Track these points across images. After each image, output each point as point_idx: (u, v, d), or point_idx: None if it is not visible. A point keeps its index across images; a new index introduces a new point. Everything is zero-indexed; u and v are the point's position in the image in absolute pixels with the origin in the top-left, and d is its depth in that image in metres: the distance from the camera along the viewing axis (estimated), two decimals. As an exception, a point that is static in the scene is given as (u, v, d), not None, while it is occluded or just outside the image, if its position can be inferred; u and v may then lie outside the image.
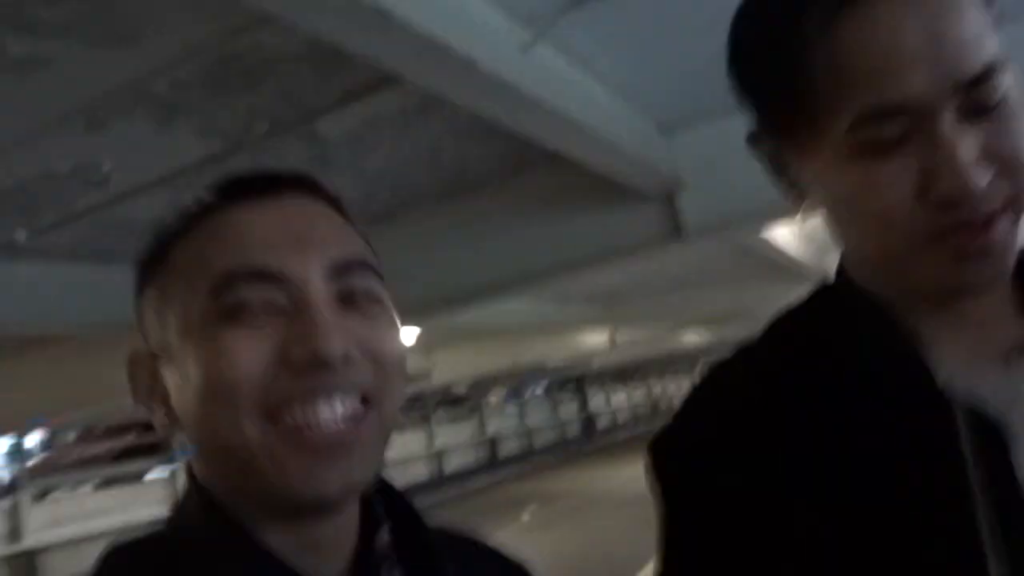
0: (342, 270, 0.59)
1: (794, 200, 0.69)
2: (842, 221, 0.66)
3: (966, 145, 0.56)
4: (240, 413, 0.55)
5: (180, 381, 0.58)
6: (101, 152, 3.06)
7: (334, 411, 0.55)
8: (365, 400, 0.57)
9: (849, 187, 0.62)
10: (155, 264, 0.63)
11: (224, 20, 2.32)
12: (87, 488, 12.22)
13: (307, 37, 2.31)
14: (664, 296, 10.35)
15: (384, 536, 0.63)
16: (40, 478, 11.34)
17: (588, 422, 23.66)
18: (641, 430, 23.69)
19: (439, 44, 2.12)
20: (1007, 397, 0.61)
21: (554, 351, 13.05)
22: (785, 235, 6.51)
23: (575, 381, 23.03)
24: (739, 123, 0.74)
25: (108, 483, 12.14)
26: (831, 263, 0.73)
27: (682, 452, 0.70)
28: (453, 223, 4.73)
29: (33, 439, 13.33)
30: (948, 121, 0.56)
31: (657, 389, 29.29)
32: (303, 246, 0.58)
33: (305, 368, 0.55)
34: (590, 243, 4.52)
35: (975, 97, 0.57)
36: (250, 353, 0.55)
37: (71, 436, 14.13)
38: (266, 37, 2.44)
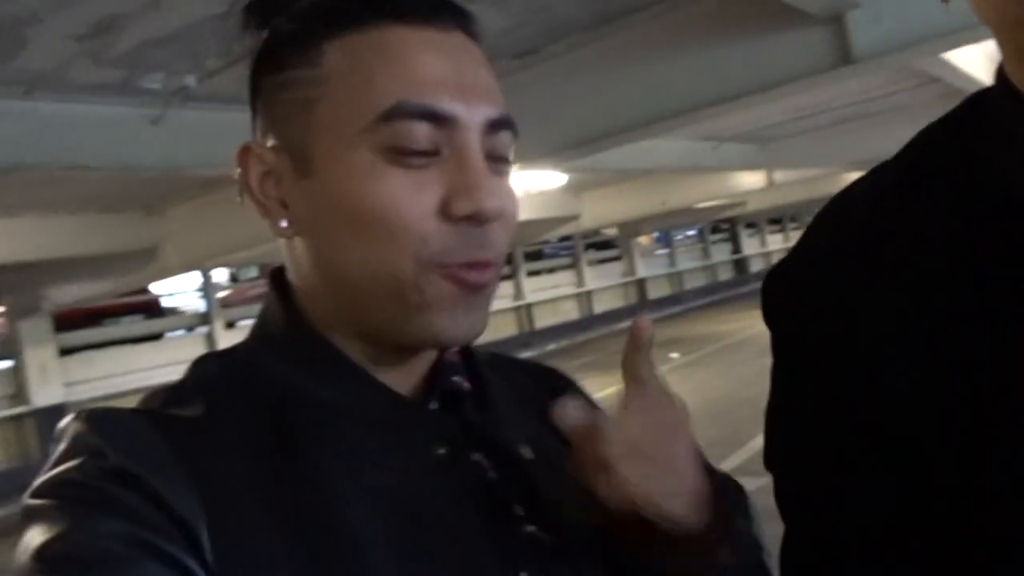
0: (498, 126, 0.59)
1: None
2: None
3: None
4: (401, 255, 0.56)
5: (320, 197, 0.58)
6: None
7: (483, 263, 0.57)
8: (496, 262, 0.60)
9: None
10: (297, 59, 0.59)
11: None
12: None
13: None
14: (827, 134, 9.67)
15: (454, 353, 0.66)
16: (229, 308, 12.60)
17: (740, 265, 23.18)
18: (796, 275, 23.03)
19: None
20: None
21: (707, 193, 12.67)
22: (971, 58, 5.81)
23: (728, 223, 22.43)
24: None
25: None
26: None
27: (788, 286, 0.64)
28: (601, 56, 4.55)
29: (221, 274, 14.72)
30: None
31: (816, 233, 28.04)
32: (472, 94, 0.58)
33: (463, 222, 0.56)
34: (750, 73, 4.24)
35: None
36: (416, 200, 0.55)
37: (253, 271, 15.51)
38: None
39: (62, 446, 0.51)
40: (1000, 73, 0.58)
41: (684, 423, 0.62)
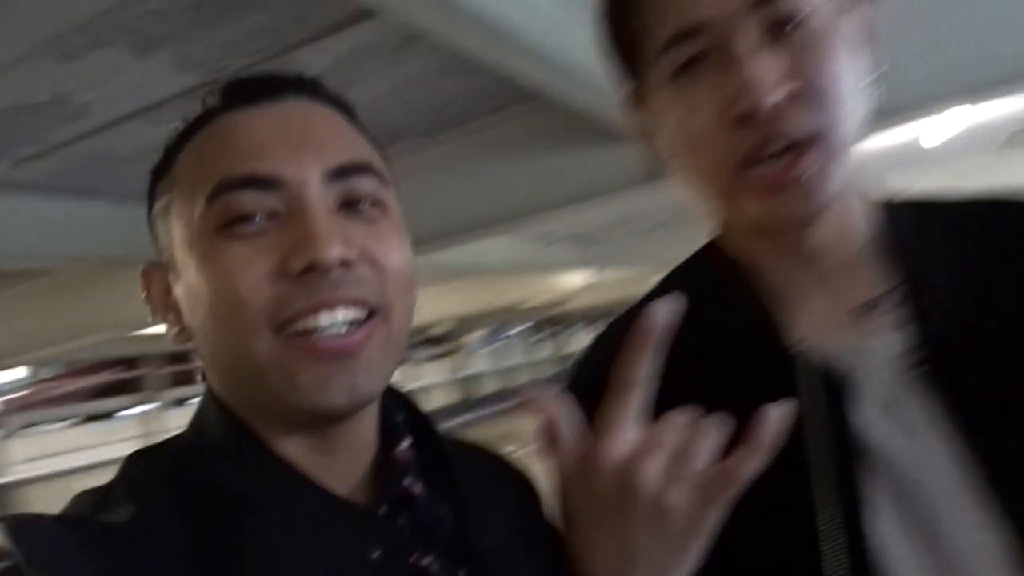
0: (342, 173, 0.57)
1: (655, 156, 0.73)
2: (678, 157, 0.67)
3: (761, 61, 0.57)
4: (246, 328, 0.54)
5: (187, 294, 0.58)
6: (77, 83, 3.01)
7: (335, 319, 0.55)
8: (372, 311, 0.56)
9: (669, 117, 0.64)
10: (162, 174, 0.62)
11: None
12: (64, 424, 12.29)
13: (287, -33, 2.27)
14: (645, 238, 10.38)
15: (405, 448, 0.63)
16: (19, 414, 11.36)
17: (564, 363, 23.86)
18: (618, 370, 23.95)
19: (421, -23, 2.10)
20: (855, 352, 0.64)
21: (534, 292, 13.10)
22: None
23: (553, 321, 23.16)
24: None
25: (85, 420, 12.19)
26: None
27: (576, 383, 0.76)
28: (433, 162, 4.70)
29: (11, 375, 13.31)
30: (744, 38, 0.58)
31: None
32: (300, 149, 0.57)
33: (304, 277, 0.54)
34: (572, 183, 4.52)
35: (773, 13, 0.58)
36: (251, 267, 0.54)
37: (48, 373, 14.14)
38: (245, -33, 2.39)
39: None
40: (713, 236, 0.75)
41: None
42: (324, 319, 0.55)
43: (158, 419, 12.09)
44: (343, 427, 0.60)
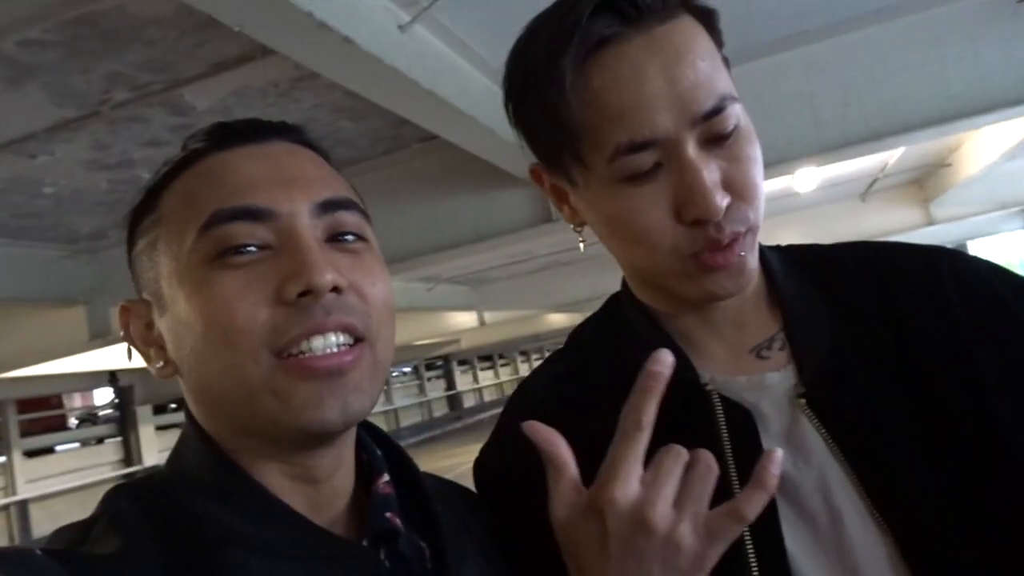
0: (329, 207, 0.60)
1: (574, 223, 0.79)
2: (615, 241, 0.74)
3: (709, 171, 0.66)
4: (243, 353, 0.55)
5: (175, 326, 0.59)
6: (-62, 112, 2.83)
7: (328, 342, 0.56)
8: (358, 338, 0.58)
9: (616, 212, 0.70)
10: (145, 213, 0.62)
11: (85, -21, 2.20)
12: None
13: (176, 3, 2.22)
14: (532, 279, 10.55)
15: (385, 482, 0.64)
16: None
17: (454, 401, 23.78)
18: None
19: (316, 20, 2.09)
20: (757, 387, 0.73)
21: (423, 331, 13.03)
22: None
23: (443, 359, 23.08)
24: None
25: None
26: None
27: (488, 473, 0.81)
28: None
29: None
30: (692, 150, 0.66)
31: (525, 368, 29.85)
32: (290, 184, 0.59)
33: (299, 301, 0.56)
34: (464, 225, 4.57)
35: (712, 127, 0.66)
36: (247, 295, 0.56)
37: None
38: (131, 0, 2.32)
39: None
40: (625, 286, 0.82)
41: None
42: (317, 342, 0.56)
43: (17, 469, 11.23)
44: (325, 454, 0.61)
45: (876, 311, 0.74)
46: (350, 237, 0.61)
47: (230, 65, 2.85)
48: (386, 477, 0.65)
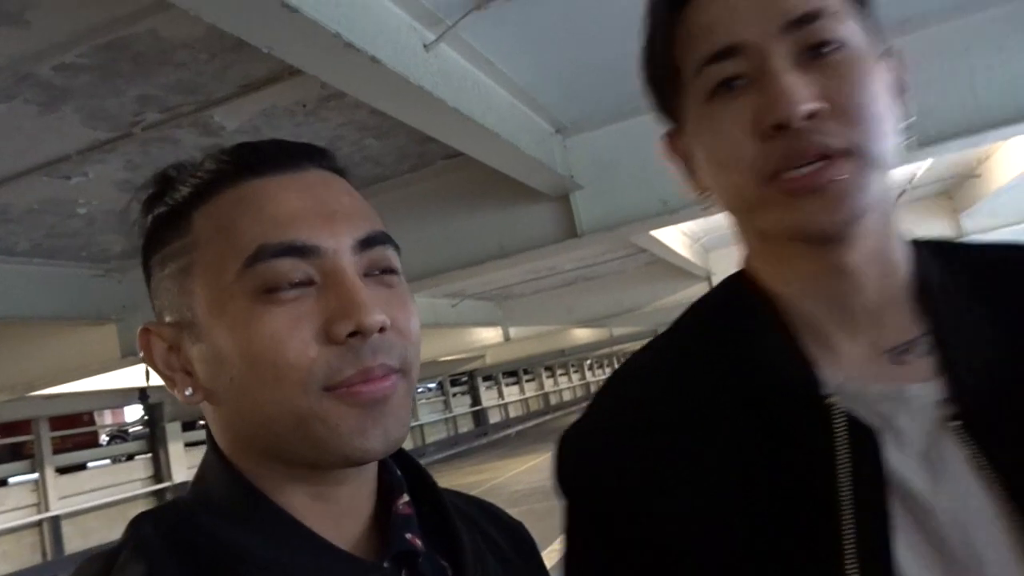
0: (369, 243, 0.61)
1: (698, 188, 0.72)
2: (711, 175, 0.68)
3: (794, 78, 0.60)
4: (293, 389, 0.56)
5: (212, 356, 0.59)
6: (-24, 136, 2.90)
7: (375, 375, 0.58)
8: (399, 368, 0.60)
9: (707, 135, 0.66)
10: (171, 233, 0.62)
11: (119, 6, 2.25)
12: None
13: (207, 26, 2.27)
14: (556, 294, 10.55)
15: (405, 503, 0.64)
16: None
17: (479, 417, 23.76)
18: (533, 424, 23.96)
19: (343, 41, 2.13)
20: (895, 398, 0.63)
21: (448, 347, 13.06)
22: (670, 235, 6.77)
23: (467, 375, 23.09)
24: (631, 128, 0.83)
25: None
26: (714, 262, 0.79)
27: (582, 450, 0.72)
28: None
29: None
30: (779, 58, 0.61)
31: (550, 383, 29.76)
32: (331, 219, 0.60)
33: (348, 342, 0.57)
34: (489, 241, 4.59)
35: (808, 36, 0.61)
36: (295, 336, 0.56)
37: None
38: (163, 24, 2.38)
39: None
40: (745, 264, 0.72)
41: None
42: (367, 376, 0.58)
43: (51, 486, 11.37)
44: (351, 476, 0.61)
45: None
46: (388, 271, 0.62)
47: (258, 85, 2.90)
48: (406, 498, 0.65)
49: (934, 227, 8.62)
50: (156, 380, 0.65)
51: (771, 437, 0.62)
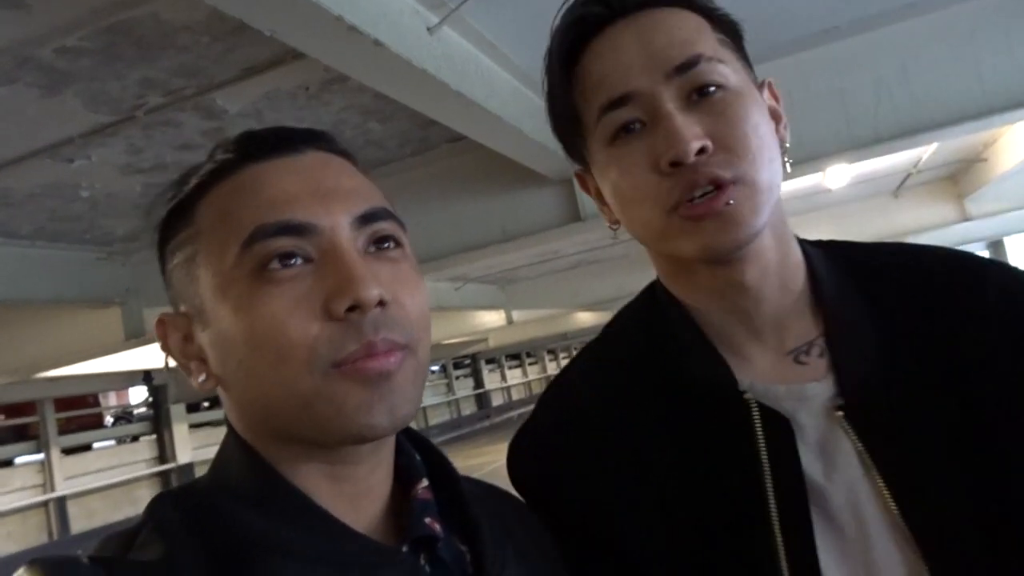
0: (367, 219, 0.61)
1: (610, 221, 0.80)
2: (620, 212, 0.75)
3: (683, 119, 0.67)
4: (297, 368, 0.56)
5: (220, 341, 0.60)
6: (-22, 119, 2.89)
7: (378, 350, 0.57)
8: (404, 344, 0.59)
9: (612, 176, 0.73)
10: (179, 226, 0.63)
11: (120, -12, 2.24)
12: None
13: (209, 9, 2.26)
14: (559, 278, 10.54)
15: (424, 487, 0.65)
16: None
17: (482, 400, 23.82)
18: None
19: (346, 24, 2.11)
20: (796, 397, 0.71)
21: (451, 330, 13.08)
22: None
23: (470, 358, 23.13)
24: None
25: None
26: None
27: (528, 456, 0.81)
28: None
29: None
30: (668, 102, 0.68)
31: (553, 366, 29.82)
32: (328, 198, 0.60)
33: (348, 317, 0.57)
34: (492, 225, 4.58)
35: (690, 80, 0.68)
36: (296, 314, 0.57)
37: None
38: (164, 7, 2.36)
39: None
40: (660, 282, 0.81)
41: None
42: (368, 350, 0.57)
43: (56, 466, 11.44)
44: (366, 456, 0.62)
45: (921, 324, 0.72)
46: (389, 245, 0.62)
47: (261, 69, 2.89)
48: (425, 482, 0.66)
49: (939, 212, 8.59)
50: (174, 367, 0.66)
51: (699, 429, 0.69)
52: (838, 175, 5.69)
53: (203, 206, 0.62)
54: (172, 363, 0.65)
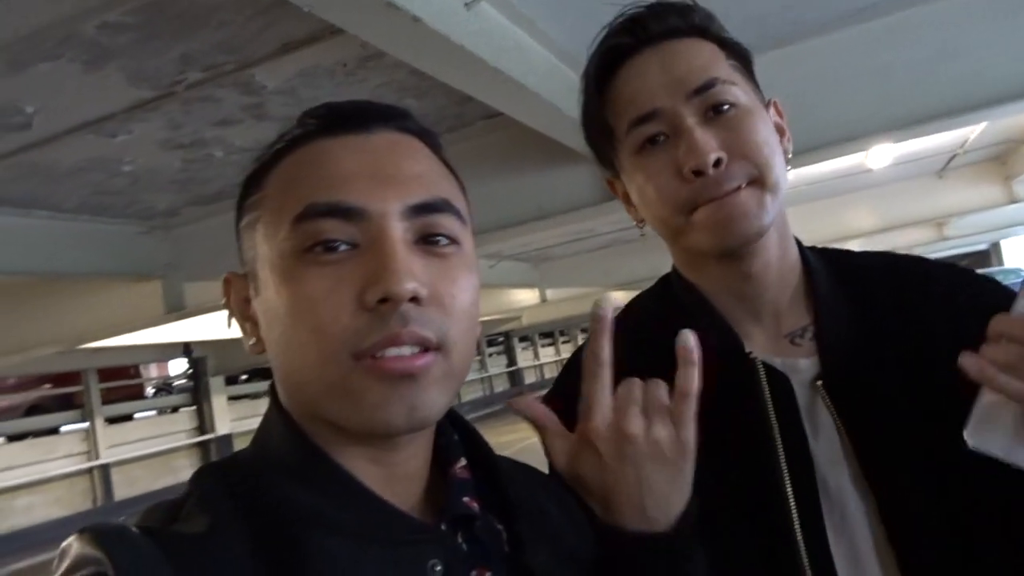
0: (421, 210, 0.59)
1: (636, 220, 0.93)
2: (646, 210, 0.88)
3: (703, 134, 0.80)
4: (323, 353, 0.56)
5: (267, 311, 0.60)
6: (24, 94, 2.94)
7: (402, 351, 0.56)
8: (436, 345, 0.57)
9: (640, 181, 0.85)
10: (253, 186, 0.64)
11: (161, -37, 2.25)
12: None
13: (247, -15, 2.26)
14: (593, 256, 10.50)
15: (462, 467, 0.65)
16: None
17: (515, 377, 23.91)
18: (567, 386, 23.95)
19: (384, 0, 2.11)
20: (790, 368, 0.85)
21: (484, 308, 13.13)
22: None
23: (503, 336, 23.20)
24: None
25: (21, 436, 11.73)
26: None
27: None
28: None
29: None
30: (689, 119, 0.81)
31: (584, 346, 29.76)
32: (385, 183, 0.59)
33: (378, 308, 0.56)
34: (527, 203, 4.56)
35: (707, 100, 0.82)
36: (332, 297, 0.56)
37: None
38: (204, -17, 2.38)
39: (65, 564, 0.50)
40: (675, 270, 0.95)
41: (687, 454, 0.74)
42: (391, 350, 0.56)
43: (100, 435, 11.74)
44: (402, 442, 0.61)
45: (897, 319, 0.86)
46: (442, 240, 0.60)
47: (298, 45, 2.89)
48: (463, 462, 0.66)
49: (985, 193, 8.38)
50: (213, 333, 0.67)
51: (710, 389, 0.78)
52: (880, 155, 5.57)
53: (274, 173, 0.62)
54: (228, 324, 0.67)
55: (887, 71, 3.62)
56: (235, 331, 0.67)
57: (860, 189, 8.49)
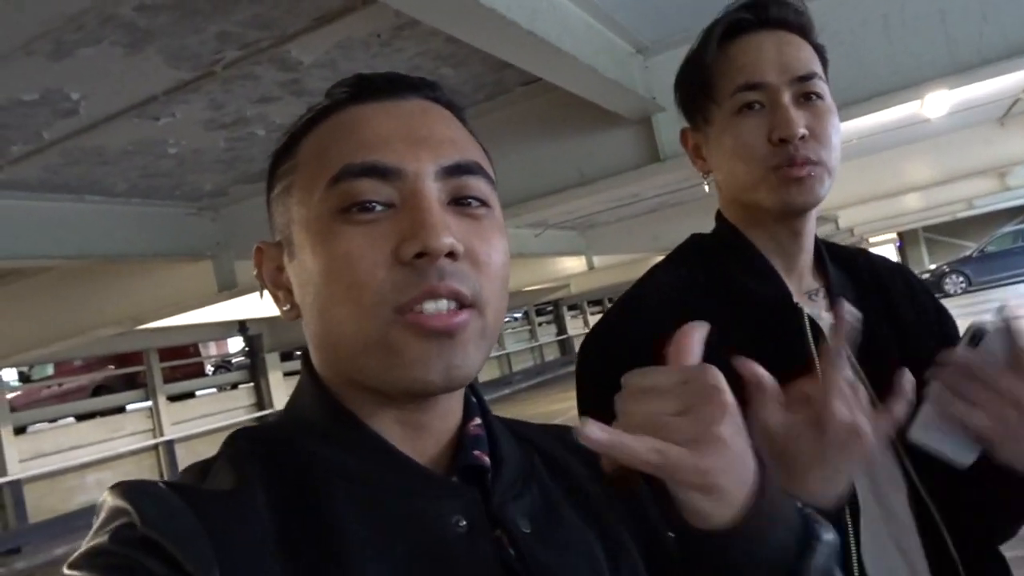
0: (455, 171, 0.61)
1: (703, 172, 1.11)
2: (728, 163, 1.03)
3: (796, 112, 0.98)
4: (363, 308, 0.57)
5: (301, 273, 0.62)
6: (68, 80, 2.99)
7: (440, 305, 0.57)
8: (471, 301, 0.59)
9: (732, 136, 1.01)
10: (283, 159, 0.66)
11: (191, -59, 2.25)
12: (67, 420, 12.24)
13: (278, -42, 2.24)
14: (639, 222, 10.37)
15: (476, 424, 0.67)
16: (19, 411, 11.35)
17: (565, 346, 23.92)
18: (618, 353, 23.87)
19: (414, -35, 2.07)
20: (816, 316, 1.01)
21: (533, 277, 13.10)
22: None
23: (552, 305, 23.18)
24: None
25: (90, 415, 12.15)
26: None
27: (612, 342, 1.07)
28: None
29: (10, 373, 13.31)
30: (787, 97, 0.99)
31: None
32: (419, 145, 0.61)
33: (415, 262, 0.57)
34: (569, 169, 4.50)
35: (803, 87, 1.00)
36: (369, 253, 0.57)
37: (48, 369, 14.11)
38: (235, -42, 2.37)
39: (101, 516, 0.53)
40: (720, 215, 1.12)
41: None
42: (429, 305, 0.57)
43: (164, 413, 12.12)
44: (436, 403, 0.63)
45: (877, 294, 1.10)
46: (473, 202, 0.62)
47: (332, 18, 2.88)
48: (478, 420, 0.67)
49: (1050, 139, 8.02)
50: (265, 307, 0.68)
51: (758, 333, 0.95)
52: (937, 103, 5.36)
53: (306, 141, 0.64)
54: (265, 296, 0.68)
55: (945, 14, 3.45)
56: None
57: (918, 140, 8.20)
